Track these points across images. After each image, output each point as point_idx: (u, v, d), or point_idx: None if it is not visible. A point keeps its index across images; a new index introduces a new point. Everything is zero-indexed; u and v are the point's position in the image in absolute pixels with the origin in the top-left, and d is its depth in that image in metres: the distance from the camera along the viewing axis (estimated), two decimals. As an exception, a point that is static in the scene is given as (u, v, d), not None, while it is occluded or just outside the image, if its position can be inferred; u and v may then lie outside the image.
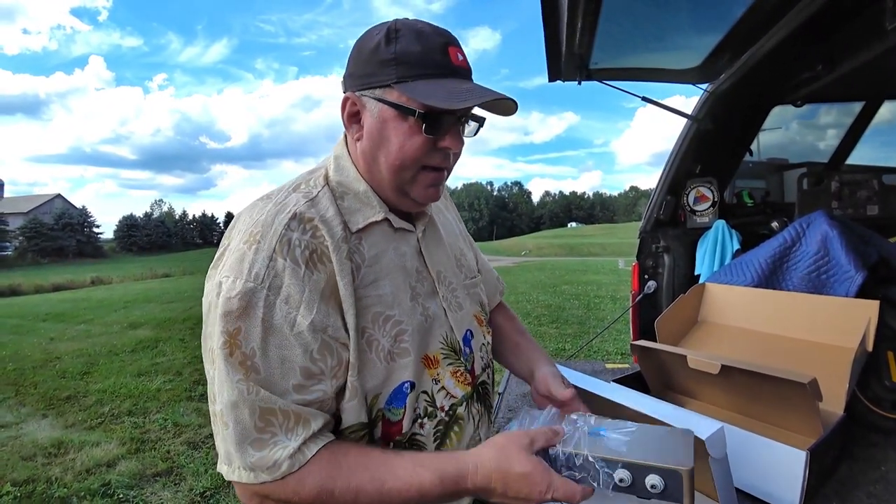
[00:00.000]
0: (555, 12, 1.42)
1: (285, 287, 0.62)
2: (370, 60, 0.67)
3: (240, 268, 0.62)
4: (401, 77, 0.65)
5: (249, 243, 0.63)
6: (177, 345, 6.36)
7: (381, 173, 0.70)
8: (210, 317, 0.63)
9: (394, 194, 0.72)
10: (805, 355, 1.29)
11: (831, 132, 2.69)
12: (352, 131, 0.72)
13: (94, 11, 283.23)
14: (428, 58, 0.65)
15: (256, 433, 0.60)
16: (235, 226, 0.69)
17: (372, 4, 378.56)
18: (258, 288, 0.61)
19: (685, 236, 2.20)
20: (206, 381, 0.66)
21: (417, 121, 0.66)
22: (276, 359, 0.61)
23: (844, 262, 1.42)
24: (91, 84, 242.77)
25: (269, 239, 0.63)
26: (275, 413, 0.61)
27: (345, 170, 0.73)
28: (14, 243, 53.20)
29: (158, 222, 76.58)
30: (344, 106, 0.71)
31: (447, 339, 0.77)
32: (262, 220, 0.65)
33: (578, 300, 9.24)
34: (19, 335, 7.69)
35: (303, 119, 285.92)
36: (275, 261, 0.62)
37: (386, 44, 0.65)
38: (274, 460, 0.60)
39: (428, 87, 0.64)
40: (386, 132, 0.67)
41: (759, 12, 1.46)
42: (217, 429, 0.63)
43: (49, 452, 3.27)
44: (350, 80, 0.70)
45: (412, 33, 0.66)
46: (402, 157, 0.68)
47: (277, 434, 0.61)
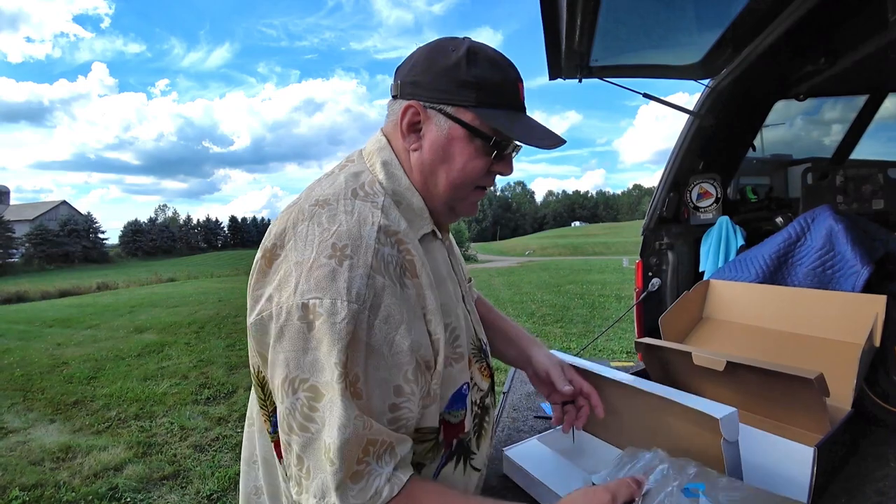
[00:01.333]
0: (554, 10, 1.42)
1: (384, 307, 0.59)
2: (447, 77, 0.68)
3: (335, 287, 0.57)
4: (479, 101, 0.68)
5: (339, 258, 0.59)
6: (182, 349, 6.38)
7: (437, 187, 0.72)
8: (289, 342, 0.58)
9: (443, 208, 0.74)
10: (811, 351, 1.27)
11: (835, 127, 2.67)
12: (409, 140, 0.72)
13: (96, 18, 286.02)
14: (505, 89, 0.70)
15: (356, 465, 0.57)
16: (294, 236, 0.63)
17: (373, 7, 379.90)
18: (361, 309, 0.57)
19: (689, 233, 2.19)
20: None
21: (488, 146, 0.70)
22: (376, 381, 0.59)
23: (850, 257, 1.41)
24: (94, 90, 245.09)
25: (362, 254, 0.59)
26: (375, 443, 0.58)
27: (397, 178, 0.72)
28: (20, 250, 53.58)
29: (163, 227, 77.02)
30: (404, 113, 0.70)
31: (475, 340, 0.80)
32: (344, 232, 0.61)
33: (583, 299, 9.22)
34: (26, 341, 7.75)
35: (305, 122, 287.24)
36: (374, 278, 0.59)
37: (467, 65, 0.68)
38: (375, 489, 0.57)
39: (506, 118, 0.69)
40: (451, 149, 0.70)
41: (760, 6, 1.45)
42: (312, 462, 0.58)
43: (57, 457, 3.29)
44: (415, 89, 0.70)
45: (490, 61, 0.70)
46: (464, 177, 0.71)
47: (370, 463, 0.58)
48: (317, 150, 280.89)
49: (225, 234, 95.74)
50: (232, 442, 3.36)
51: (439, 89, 0.68)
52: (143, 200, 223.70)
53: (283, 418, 0.60)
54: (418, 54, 0.72)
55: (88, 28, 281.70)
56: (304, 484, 0.59)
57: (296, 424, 0.58)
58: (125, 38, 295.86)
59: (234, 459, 3.13)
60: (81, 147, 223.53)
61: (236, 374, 5.03)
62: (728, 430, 0.74)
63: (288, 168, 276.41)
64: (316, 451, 0.58)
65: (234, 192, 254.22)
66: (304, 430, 0.58)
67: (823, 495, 0.94)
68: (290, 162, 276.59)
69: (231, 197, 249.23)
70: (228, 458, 3.15)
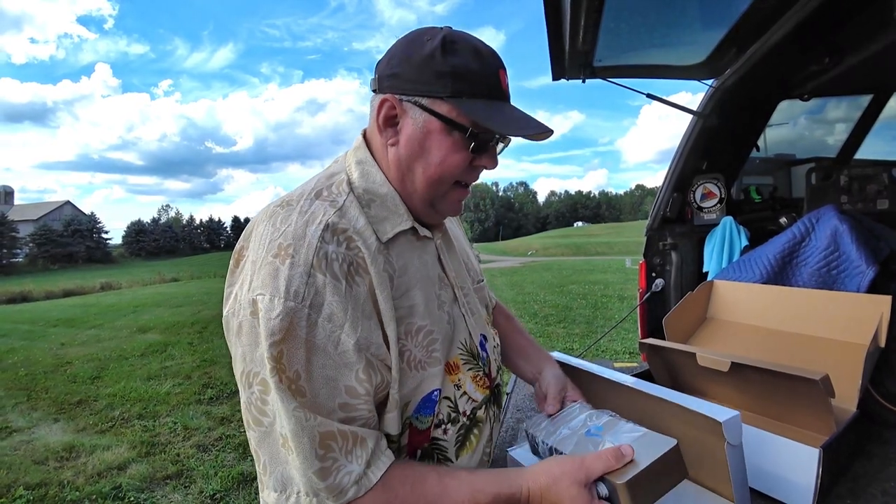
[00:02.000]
0: (558, 10, 1.42)
1: (327, 304, 0.59)
2: (422, 67, 0.65)
3: (275, 285, 0.58)
4: (455, 92, 0.64)
5: (282, 258, 0.59)
6: (185, 348, 6.40)
7: (414, 183, 0.69)
8: (245, 337, 0.60)
9: (422, 205, 0.71)
10: (816, 352, 1.27)
11: (840, 126, 2.66)
12: (385, 135, 0.69)
13: (100, 19, 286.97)
14: (484, 78, 0.66)
15: (319, 462, 0.57)
16: (254, 235, 0.65)
17: (376, 7, 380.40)
18: (299, 307, 0.57)
19: (692, 233, 2.19)
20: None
21: (465, 138, 0.66)
22: (321, 379, 0.58)
23: (855, 258, 1.40)
24: (98, 91, 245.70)
25: (303, 253, 0.59)
26: (333, 436, 0.58)
27: (370, 175, 0.70)
28: (25, 250, 53.86)
29: (166, 227, 77.27)
30: (380, 108, 0.68)
31: (466, 344, 0.77)
32: (291, 232, 0.61)
33: (586, 300, 9.21)
34: (31, 341, 7.78)
35: (308, 122, 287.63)
36: (314, 276, 0.58)
37: (442, 54, 0.64)
38: (340, 488, 0.58)
39: (485, 108, 0.65)
40: (428, 143, 0.67)
41: (764, 6, 1.45)
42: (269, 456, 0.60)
43: (61, 456, 3.31)
44: (391, 82, 0.67)
45: (468, 49, 0.66)
46: (442, 172, 0.68)
47: (339, 459, 0.58)
48: (319, 151, 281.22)
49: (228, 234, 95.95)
50: (235, 442, 3.37)
51: (414, 80, 0.65)
52: (147, 201, 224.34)
53: (244, 414, 0.62)
54: (395, 47, 0.69)
55: (92, 29, 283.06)
56: (264, 480, 0.61)
57: (251, 418, 0.61)
58: (129, 39, 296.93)
59: (237, 459, 3.14)
60: (85, 147, 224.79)
61: (239, 374, 5.04)
62: (731, 433, 0.73)
63: (291, 168, 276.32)
64: (272, 444, 0.59)
65: (237, 193, 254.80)
66: (259, 424, 0.60)
67: (829, 496, 0.93)
68: (293, 162, 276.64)
69: (234, 197, 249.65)
70: (231, 458, 3.15)
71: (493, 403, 0.82)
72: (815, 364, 1.13)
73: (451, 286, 0.78)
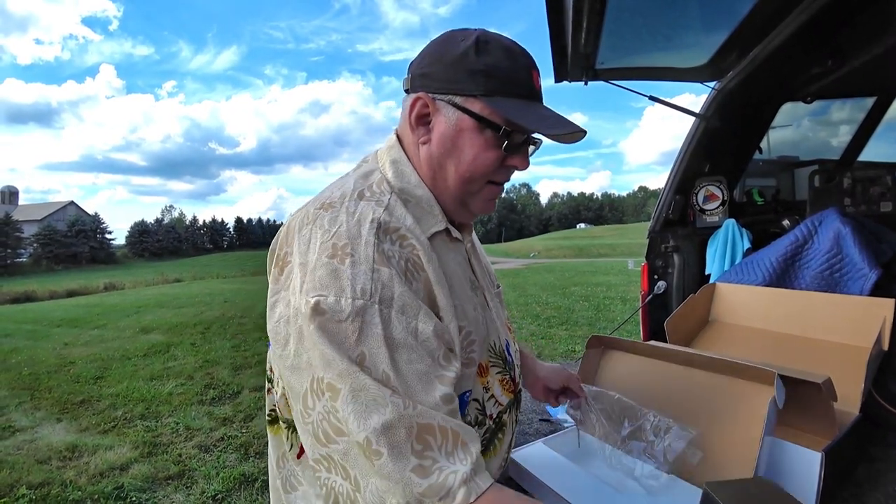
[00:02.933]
0: (560, 13, 1.42)
1: (398, 297, 0.57)
2: (456, 66, 0.65)
3: (339, 284, 0.55)
4: (489, 90, 0.64)
5: (340, 257, 0.57)
6: (188, 349, 6.41)
7: (446, 181, 0.69)
8: (309, 343, 0.55)
9: (454, 204, 0.71)
10: (819, 355, 1.27)
11: (843, 128, 2.65)
12: (417, 133, 0.69)
13: (105, 21, 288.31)
14: (517, 77, 0.66)
15: (416, 458, 0.51)
16: (297, 239, 0.62)
17: (380, 9, 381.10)
18: (369, 304, 0.55)
19: (695, 236, 2.18)
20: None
21: (498, 136, 0.65)
22: (413, 375, 0.55)
23: (858, 260, 1.40)
24: (102, 92, 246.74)
25: (362, 250, 0.57)
26: (432, 431, 0.53)
27: (405, 175, 0.70)
28: (29, 250, 54.13)
29: (169, 228, 77.60)
30: (413, 106, 0.68)
31: (495, 347, 0.76)
32: (344, 232, 0.59)
33: (588, 301, 9.18)
34: (34, 340, 7.81)
35: (311, 124, 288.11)
36: (378, 272, 0.56)
37: (476, 53, 0.64)
38: (447, 488, 0.51)
39: (518, 107, 0.65)
40: (460, 141, 0.66)
41: (766, 8, 1.45)
42: (358, 469, 0.53)
43: (63, 456, 3.31)
44: (424, 81, 0.67)
45: (501, 49, 0.66)
46: (473, 170, 0.67)
47: (438, 459, 0.52)
48: (322, 152, 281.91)
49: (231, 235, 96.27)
50: (237, 442, 3.37)
51: (448, 79, 0.65)
52: (150, 201, 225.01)
53: (315, 432, 0.56)
54: (428, 47, 0.70)
55: (97, 30, 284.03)
56: (357, 499, 0.54)
57: (325, 432, 0.54)
58: (133, 41, 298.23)
59: (238, 460, 3.14)
60: (89, 148, 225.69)
61: (241, 375, 5.04)
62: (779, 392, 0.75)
63: (294, 169, 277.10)
64: (357, 455, 0.53)
65: (240, 194, 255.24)
66: (340, 434, 0.54)
67: (833, 500, 0.93)
68: (296, 163, 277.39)
69: (237, 198, 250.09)
70: (233, 459, 3.16)
71: (515, 408, 0.82)
72: (817, 367, 1.12)
73: (481, 289, 0.78)
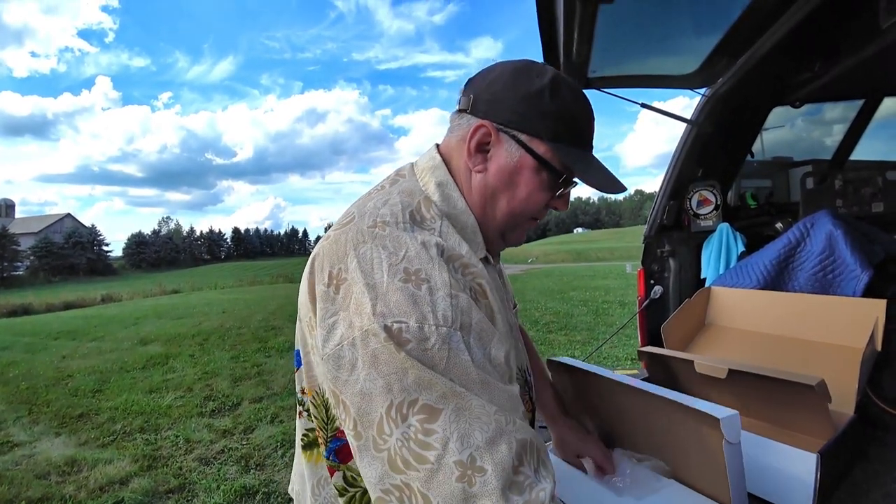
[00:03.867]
0: (552, 23, 1.44)
1: (475, 324, 0.56)
2: (529, 104, 0.65)
3: (420, 311, 0.53)
4: (555, 136, 0.66)
5: (415, 282, 0.55)
6: (187, 360, 6.39)
7: (495, 212, 0.69)
8: (386, 367, 0.52)
9: (495, 234, 0.72)
10: (813, 356, 1.28)
11: (835, 128, 2.68)
12: (474, 160, 0.68)
13: (101, 33, 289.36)
14: (582, 128, 0.68)
15: (514, 476, 0.50)
16: (356, 257, 0.57)
17: (375, 17, 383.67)
18: (452, 332, 0.53)
19: (690, 240, 2.20)
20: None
21: (555, 181, 0.68)
22: (501, 392, 0.54)
23: (850, 262, 1.41)
24: (98, 104, 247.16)
25: (437, 275, 0.56)
26: (526, 448, 0.52)
27: (452, 200, 0.68)
28: (26, 263, 53.94)
29: (166, 239, 77.50)
30: (475, 132, 0.67)
31: (523, 369, 0.77)
32: (414, 256, 0.57)
33: (587, 306, 9.19)
34: (32, 353, 7.77)
35: (308, 133, 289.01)
36: (457, 298, 0.55)
37: (551, 95, 0.65)
38: (540, 501, 0.50)
39: (577, 156, 0.68)
40: (518, 178, 0.67)
41: (753, 16, 1.47)
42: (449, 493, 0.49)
43: (63, 470, 3.30)
44: (491, 108, 0.67)
45: (573, 96, 0.67)
46: (525, 207, 0.69)
47: (530, 476, 0.51)
48: (319, 160, 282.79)
49: (228, 245, 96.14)
50: (237, 455, 3.36)
51: (518, 113, 0.65)
52: (147, 212, 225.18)
53: (391, 458, 0.51)
54: (499, 71, 0.68)
55: (94, 43, 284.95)
56: None
57: (408, 457, 0.50)
58: (130, 52, 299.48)
59: (239, 472, 3.13)
60: (86, 160, 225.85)
61: (241, 386, 5.03)
62: (729, 431, 0.74)
63: (291, 178, 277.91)
64: (444, 480, 0.49)
65: (237, 203, 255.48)
66: (422, 461, 0.50)
67: (830, 501, 0.94)
68: (293, 172, 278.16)
69: (234, 208, 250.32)
70: (233, 471, 3.14)
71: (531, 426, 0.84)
72: (812, 368, 1.14)
73: (509, 311, 0.78)
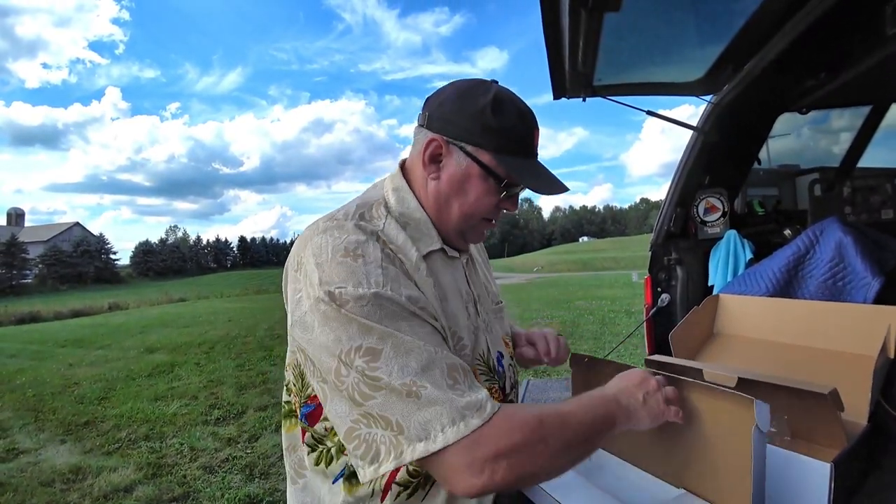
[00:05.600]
0: (557, 31, 1.45)
1: (404, 287, 0.68)
2: (474, 120, 0.75)
3: (355, 278, 0.65)
4: (499, 147, 0.76)
5: (353, 256, 0.67)
6: (192, 369, 6.40)
7: (449, 215, 0.80)
8: (335, 322, 0.64)
9: (454, 233, 0.82)
10: (824, 365, 1.26)
11: (842, 136, 2.66)
12: (428, 169, 0.79)
13: (111, 45, 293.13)
14: (523, 140, 0.78)
15: (450, 390, 0.62)
16: (309, 245, 0.70)
17: (382, 29, 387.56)
18: (383, 291, 0.65)
19: (697, 248, 2.19)
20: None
21: (499, 186, 0.78)
22: (429, 335, 0.67)
23: (861, 269, 1.40)
24: (108, 114, 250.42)
25: (371, 252, 0.69)
26: (457, 369, 0.65)
27: (406, 202, 0.80)
28: (34, 271, 54.45)
29: (173, 248, 78.07)
30: (428, 145, 0.78)
31: (483, 356, 0.83)
32: (352, 239, 0.69)
33: (593, 315, 9.14)
34: (39, 361, 7.82)
35: (314, 143, 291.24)
36: (387, 269, 0.68)
37: (493, 112, 0.75)
38: (480, 403, 0.62)
39: (519, 165, 0.78)
40: (467, 185, 0.78)
41: (759, 22, 1.48)
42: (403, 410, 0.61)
43: (68, 478, 3.29)
44: (442, 125, 0.77)
45: (515, 111, 0.77)
46: (475, 210, 0.79)
47: (464, 389, 0.63)
48: (325, 171, 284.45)
49: (234, 254, 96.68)
50: (241, 463, 3.35)
51: (465, 129, 0.75)
52: (154, 221, 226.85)
53: (351, 395, 0.63)
54: (449, 91, 0.79)
55: (104, 55, 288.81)
56: (400, 441, 0.60)
57: (361, 393, 0.62)
58: (140, 64, 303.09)
59: (243, 481, 3.11)
60: (94, 169, 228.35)
61: (246, 395, 5.02)
62: (761, 417, 0.73)
63: (297, 188, 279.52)
64: (396, 399, 0.61)
65: (244, 213, 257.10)
66: (376, 390, 0.61)
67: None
68: (300, 182, 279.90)
69: (240, 217, 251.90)
70: (238, 480, 3.13)
71: None
72: (823, 377, 1.12)
73: (474, 301, 0.86)
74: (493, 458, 0.60)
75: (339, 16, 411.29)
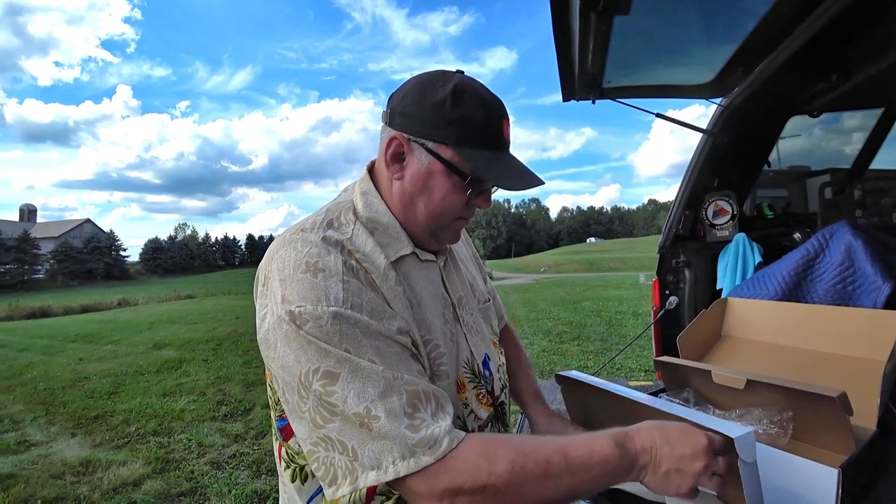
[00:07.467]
0: (567, 33, 1.45)
1: (366, 302, 0.64)
2: (432, 113, 0.69)
3: (316, 295, 0.62)
4: (460, 140, 0.69)
5: (313, 272, 0.64)
6: (200, 365, 6.46)
7: (416, 216, 0.75)
8: (294, 343, 0.62)
9: (424, 235, 0.77)
10: (833, 369, 1.25)
11: (854, 136, 2.64)
12: (392, 170, 0.74)
13: (123, 43, 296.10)
14: (487, 130, 0.71)
15: (408, 420, 0.59)
16: (276, 258, 0.68)
17: (391, 29, 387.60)
18: (343, 310, 0.62)
19: (705, 250, 2.18)
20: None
21: (465, 183, 0.71)
22: (393, 356, 0.63)
23: (871, 273, 1.39)
24: (118, 112, 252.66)
25: (332, 265, 0.65)
26: (419, 396, 0.62)
27: (373, 206, 0.76)
28: (45, 266, 55.12)
29: (182, 245, 78.66)
30: (389, 144, 0.72)
31: (469, 362, 0.80)
32: (314, 252, 0.66)
33: (599, 316, 9.11)
34: (49, 355, 7.94)
35: (322, 141, 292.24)
36: (348, 283, 0.64)
37: (452, 103, 0.69)
38: (434, 438, 0.59)
39: (485, 159, 0.70)
40: (431, 183, 0.72)
41: (770, 25, 1.47)
42: (355, 440, 0.59)
43: (77, 471, 3.34)
44: (402, 121, 0.72)
45: (476, 99, 0.70)
46: (442, 209, 0.73)
47: (426, 420, 0.60)
48: (333, 169, 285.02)
49: (242, 251, 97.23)
50: (248, 459, 3.38)
51: (424, 124, 0.70)
52: (163, 219, 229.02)
53: (311, 417, 0.61)
54: (410, 85, 0.73)
55: (116, 53, 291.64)
56: (355, 467, 0.59)
57: (321, 416, 0.61)
58: (151, 63, 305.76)
59: (250, 477, 3.14)
60: (105, 166, 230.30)
61: (253, 391, 5.06)
62: (744, 450, 0.73)
63: (305, 186, 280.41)
64: (352, 427, 0.60)
65: (252, 211, 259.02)
66: (333, 414, 0.60)
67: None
68: (307, 180, 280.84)
69: (248, 215, 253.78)
70: (245, 476, 3.16)
71: (497, 422, 0.83)
72: (831, 381, 1.11)
73: (453, 305, 0.81)
74: (452, 492, 0.58)
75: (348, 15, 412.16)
